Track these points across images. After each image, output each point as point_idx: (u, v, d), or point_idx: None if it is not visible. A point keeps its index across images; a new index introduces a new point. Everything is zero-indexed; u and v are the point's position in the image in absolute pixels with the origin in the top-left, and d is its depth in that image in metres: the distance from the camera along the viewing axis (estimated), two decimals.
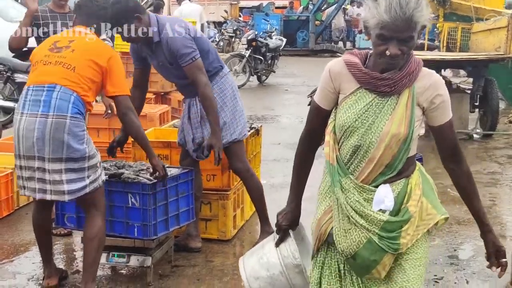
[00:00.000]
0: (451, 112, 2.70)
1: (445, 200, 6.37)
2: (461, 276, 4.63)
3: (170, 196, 4.57)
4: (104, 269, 4.73)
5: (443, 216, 2.76)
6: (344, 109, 2.67)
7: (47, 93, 3.87)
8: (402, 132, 2.60)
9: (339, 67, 2.71)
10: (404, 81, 2.61)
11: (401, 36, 2.52)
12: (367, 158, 2.63)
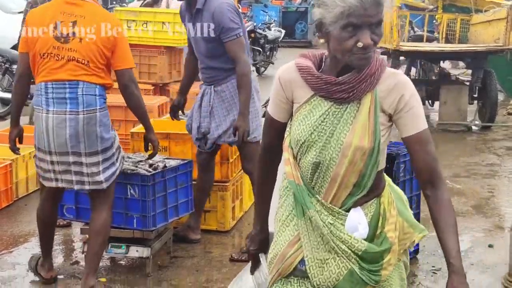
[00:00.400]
0: (426, 122, 2.25)
1: None
2: None
3: (169, 187, 4.58)
4: (103, 260, 4.73)
5: (421, 234, 2.47)
6: (298, 120, 2.30)
7: (71, 90, 3.84)
8: (366, 145, 2.21)
9: (290, 73, 2.35)
10: (364, 85, 2.22)
11: (373, 21, 2.14)
12: (330, 177, 2.25)
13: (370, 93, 2.23)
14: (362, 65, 2.20)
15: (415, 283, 4.41)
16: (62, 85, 3.84)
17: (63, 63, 3.85)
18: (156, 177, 4.44)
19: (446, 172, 7.07)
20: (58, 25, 3.87)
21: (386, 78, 2.25)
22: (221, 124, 4.72)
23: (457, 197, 6.21)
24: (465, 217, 5.69)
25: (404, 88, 2.24)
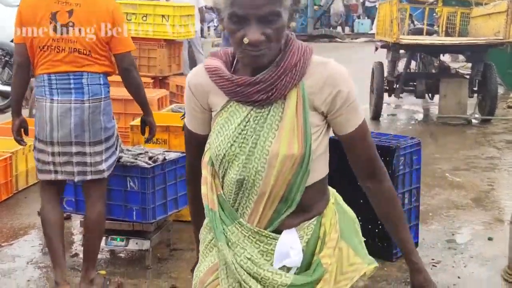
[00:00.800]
0: (361, 115, 1.99)
1: (443, 185, 6.40)
2: (459, 260, 4.65)
3: (169, 180, 4.58)
4: (102, 252, 4.74)
5: (371, 266, 2.09)
6: (215, 132, 1.96)
7: (75, 81, 3.81)
8: (296, 152, 1.88)
9: (200, 77, 2.00)
10: (285, 79, 1.88)
11: (260, 13, 1.81)
12: (256, 194, 1.92)
13: (296, 89, 1.90)
14: (254, 63, 1.87)
15: None
16: (66, 76, 3.81)
17: (65, 55, 3.80)
18: (155, 170, 4.44)
19: (446, 165, 7.07)
20: (54, 15, 3.80)
21: (314, 69, 1.92)
22: None
23: (456, 190, 6.21)
24: (464, 210, 5.69)
25: (341, 81, 1.93)
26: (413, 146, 4.72)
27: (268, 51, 1.85)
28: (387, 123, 9.73)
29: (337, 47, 20.60)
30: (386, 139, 4.80)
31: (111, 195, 4.43)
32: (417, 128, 9.34)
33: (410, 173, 4.70)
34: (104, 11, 3.83)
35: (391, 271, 4.46)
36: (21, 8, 3.91)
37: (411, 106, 10.94)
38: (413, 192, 4.75)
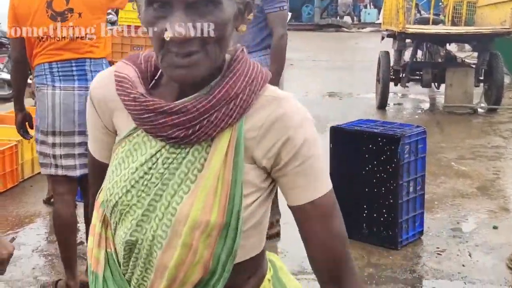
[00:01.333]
0: (329, 181, 1.39)
1: (448, 173, 6.40)
2: (464, 248, 4.64)
3: None
4: None
5: None
6: (112, 167, 1.41)
7: (78, 67, 3.71)
8: (214, 219, 1.31)
9: (105, 88, 1.42)
10: (216, 115, 1.30)
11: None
12: (153, 267, 1.36)
13: (230, 131, 1.32)
14: (180, 78, 1.28)
15: (419, 264, 4.42)
16: (68, 63, 3.70)
17: (66, 43, 3.68)
18: None
19: (452, 154, 7.06)
20: (50, 4, 3.65)
21: (263, 105, 1.34)
22: None
23: (462, 179, 6.20)
24: (470, 198, 5.68)
25: (295, 126, 1.32)
26: (419, 135, 4.71)
27: (203, 59, 1.27)
28: (393, 112, 9.72)
29: (343, 36, 20.58)
30: (391, 128, 4.80)
31: None
32: (423, 117, 9.33)
33: (415, 162, 4.69)
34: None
35: (396, 259, 4.46)
36: (14, 1, 3.74)
37: (417, 96, 10.91)
38: (418, 181, 4.75)
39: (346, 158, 4.81)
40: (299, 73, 13.16)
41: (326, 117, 9.05)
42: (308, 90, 11.30)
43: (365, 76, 12.21)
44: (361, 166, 4.69)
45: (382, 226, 4.64)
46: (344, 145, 4.81)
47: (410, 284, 4.10)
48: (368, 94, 10.69)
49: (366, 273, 4.25)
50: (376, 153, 4.61)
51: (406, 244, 4.66)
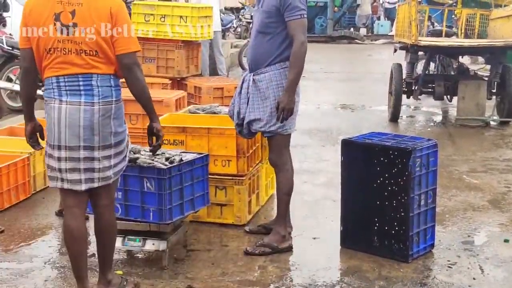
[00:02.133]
0: None
1: (460, 186, 6.39)
2: (475, 261, 4.63)
3: (185, 181, 4.61)
4: (119, 253, 4.78)
5: None
6: None
7: (85, 82, 3.70)
8: None
9: None
10: None
11: None
12: None
13: None
14: None
15: (430, 277, 4.41)
16: (75, 78, 3.71)
17: (72, 57, 3.70)
18: (172, 171, 4.46)
19: (463, 167, 7.05)
20: (58, 16, 3.69)
21: None
22: (253, 111, 4.73)
23: (473, 192, 6.19)
24: (481, 212, 5.67)
25: None
26: (430, 148, 4.71)
27: None
28: (406, 125, 9.71)
29: (356, 48, 20.59)
30: (403, 141, 4.80)
31: (128, 196, 4.47)
32: (435, 130, 9.31)
33: (427, 175, 4.69)
34: (105, 11, 3.71)
35: (407, 272, 4.46)
36: (25, 12, 3.78)
37: (429, 108, 10.90)
38: (429, 194, 4.74)
39: (357, 170, 4.82)
40: (311, 85, 13.17)
41: (338, 129, 9.06)
42: (320, 102, 11.31)
43: (378, 88, 12.21)
44: (372, 179, 4.70)
45: (393, 238, 4.63)
46: (356, 157, 4.82)
47: None
48: (381, 106, 10.69)
49: (377, 286, 4.25)
50: (388, 166, 4.61)
51: (417, 257, 4.66)
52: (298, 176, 6.65)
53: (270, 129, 4.71)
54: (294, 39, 4.53)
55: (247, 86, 4.77)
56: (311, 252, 4.85)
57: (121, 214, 4.50)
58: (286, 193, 4.86)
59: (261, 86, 4.69)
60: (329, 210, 5.69)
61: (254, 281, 4.37)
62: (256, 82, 4.70)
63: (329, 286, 4.27)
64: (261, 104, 4.71)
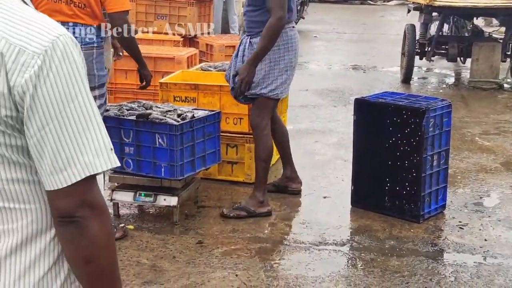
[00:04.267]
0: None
1: (472, 148, 6.35)
2: (486, 223, 4.62)
3: (197, 138, 4.60)
4: (130, 208, 4.80)
5: None
6: None
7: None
8: None
9: None
10: None
11: None
12: None
13: None
14: None
15: (441, 237, 4.41)
16: (63, 25, 3.84)
17: (62, 6, 3.97)
18: (184, 127, 4.45)
19: (476, 129, 7.00)
20: None
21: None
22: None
23: (486, 154, 6.16)
24: (493, 174, 5.64)
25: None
26: (444, 108, 4.67)
27: None
28: (418, 86, 9.63)
29: (368, 9, 20.35)
30: (416, 101, 4.76)
31: (140, 152, 4.47)
32: (448, 92, 9.24)
33: (440, 135, 4.66)
34: None
35: (418, 232, 4.46)
36: None
37: (442, 70, 10.80)
38: (442, 155, 4.72)
39: (369, 130, 4.79)
40: (323, 45, 13.07)
41: (350, 89, 9.00)
42: (332, 63, 11.22)
43: (390, 50, 12.09)
44: (385, 139, 4.67)
45: (405, 199, 4.63)
46: (368, 117, 4.79)
47: (431, 257, 4.10)
48: (393, 67, 10.59)
49: (388, 245, 4.25)
50: (401, 126, 4.58)
51: (428, 217, 4.65)
52: (309, 136, 6.64)
53: (261, 92, 4.57)
54: (272, 13, 4.39)
55: (243, 48, 4.68)
56: (322, 211, 4.85)
57: (133, 170, 4.52)
58: (262, 159, 4.68)
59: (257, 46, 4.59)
60: (340, 170, 5.68)
61: (264, 238, 4.38)
62: (253, 44, 4.60)
63: (339, 245, 4.28)
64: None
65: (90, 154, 1.30)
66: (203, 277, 3.82)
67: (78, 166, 1.29)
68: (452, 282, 3.79)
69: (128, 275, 3.84)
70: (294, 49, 4.63)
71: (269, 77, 4.56)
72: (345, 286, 3.73)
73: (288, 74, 4.63)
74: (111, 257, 1.40)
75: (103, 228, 1.35)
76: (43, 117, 1.28)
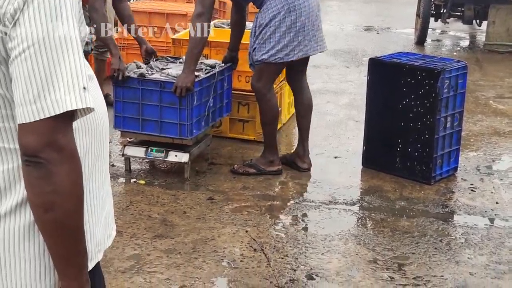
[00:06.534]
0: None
1: (486, 112, 6.30)
2: (498, 186, 4.60)
3: (206, 96, 4.58)
4: (142, 163, 4.81)
5: None
6: None
7: None
8: None
9: None
10: None
11: None
12: None
13: None
14: None
15: (452, 199, 4.39)
16: None
17: None
18: (196, 85, 4.41)
19: (490, 92, 6.94)
20: None
21: None
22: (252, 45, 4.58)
23: (499, 118, 6.10)
24: (506, 137, 5.60)
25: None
26: (459, 70, 4.61)
27: None
28: (432, 48, 9.53)
29: None
30: (432, 61, 4.70)
31: (147, 110, 4.44)
32: (462, 54, 9.13)
33: (454, 97, 4.61)
34: None
35: (429, 194, 4.44)
36: None
37: (457, 33, 10.67)
38: (456, 117, 4.68)
39: (383, 91, 4.75)
40: (336, 5, 12.93)
41: (363, 50, 8.92)
42: (344, 23, 11.11)
43: (404, 11, 11.95)
44: (398, 100, 4.63)
45: (416, 160, 4.60)
46: (382, 77, 4.74)
47: (441, 219, 4.09)
48: (406, 29, 10.48)
49: (398, 206, 4.25)
50: (415, 86, 4.53)
51: (440, 179, 4.63)
52: (321, 96, 6.60)
53: (262, 57, 4.47)
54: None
55: (255, 25, 4.57)
56: (332, 170, 4.84)
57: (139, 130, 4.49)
58: (266, 123, 4.65)
59: (258, 20, 4.51)
60: (351, 130, 5.65)
61: (275, 196, 4.38)
62: (257, 17, 4.53)
63: (349, 204, 4.28)
64: (253, 36, 4.53)
65: (62, 89, 1.25)
66: (213, 232, 3.83)
67: (48, 101, 1.25)
68: (462, 243, 3.79)
69: (139, 228, 3.86)
70: (297, 9, 4.45)
71: (270, 42, 4.44)
72: (355, 245, 3.74)
73: (292, 36, 4.44)
74: (75, 211, 1.31)
75: (70, 176, 1.28)
76: (25, 41, 1.25)
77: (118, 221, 3.85)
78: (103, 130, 1.54)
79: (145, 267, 3.45)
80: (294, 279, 3.37)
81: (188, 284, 3.29)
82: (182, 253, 3.59)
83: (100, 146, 1.52)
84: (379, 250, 3.68)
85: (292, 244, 3.74)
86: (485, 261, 3.59)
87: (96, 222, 1.52)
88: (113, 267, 3.43)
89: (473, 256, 3.64)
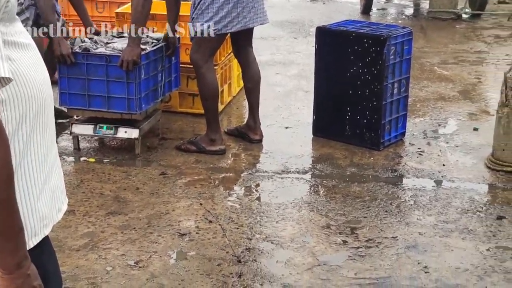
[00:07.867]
0: None
1: (431, 77, 6.41)
2: (445, 149, 4.71)
3: (154, 69, 4.54)
4: (91, 141, 4.76)
5: None
6: None
7: None
8: None
9: None
10: None
11: None
12: None
13: None
14: None
15: (401, 163, 4.48)
16: None
17: None
18: (142, 59, 4.36)
19: (435, 59, 7.05)
20: None
21: None
22: (191, 15, 4.48)
23: (444, 83, 6.22)
24: (451, 102, 5.72)
25: None
26: (405, 36, 4.68)
27: None
28: (377, 17, 9.61)
29: None
30: (378, 28, 4.75)
31: (93, 86, 4.38)
32: (407, 22, 9.24)
33: (400, 63, 4.68)
34: None
35: (378, 159, 4.52)
36: None
37: (401, 1, 10.78)
38: (403, 83, 4.75)
39: (331, 59, 4.79)
40: None
41: (310, 21, 8.94)
42: None
43: None
44: (346, 68, 4.67)
45: (365, 127, 4.67)
46: (330, 46, 4.78)
47: (391, 183, 4.18)
48: None
49: (349, 172, 4.31)
50: (362, 54, 4.58)
51: (388, 145, 4.72)
52: (270, 68, 6.62)
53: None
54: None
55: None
56: (284, 141, 4.87)
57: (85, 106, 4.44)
58: (204, 97, 4.57)
59: None
60: (301, 100, 5.69)
61: (228, 168, 4.40)
62: None
63: (301, 173, 4.33)
64: (196, 1, 4.41)
65: None
66: (168, 207, 3.84)
67: None
68: (412, 205, 3.88)
69: (92, 206, 3.83)
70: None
71: (208, 13, 4.35)
72: (308, 212, 3.79)
73: (231, 7, 4.35)
74: (2, 184, 1.26)
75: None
76: None
77: (70, 200, 3.79)
78: (43, 99, 1.48)
79: (99, 244, 3.43)
80: (250, 248, 3.41)
81: (144, 258, 3.30)
82: (137, 229, 3.59)
83: (37, 117, 1.46)
84: (331, 215, 3.75)
85: (246, 214, 3.77)
86: (434, 221, 3.69)
87: (38, 196, 1.48)
88: (67, 245, 3.40)
89: (422, 216, 3.74)
